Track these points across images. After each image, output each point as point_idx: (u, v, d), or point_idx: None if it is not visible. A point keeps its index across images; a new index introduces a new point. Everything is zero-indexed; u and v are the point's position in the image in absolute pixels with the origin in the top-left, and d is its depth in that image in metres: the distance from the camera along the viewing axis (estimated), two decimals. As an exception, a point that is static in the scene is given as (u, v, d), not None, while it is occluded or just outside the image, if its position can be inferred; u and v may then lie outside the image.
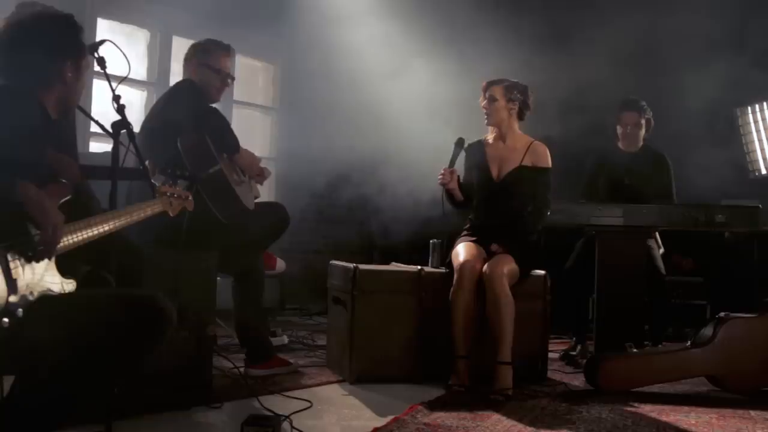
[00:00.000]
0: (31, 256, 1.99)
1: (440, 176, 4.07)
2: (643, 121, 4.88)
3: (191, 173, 3.07)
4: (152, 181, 2.84)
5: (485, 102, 4.16)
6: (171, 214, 2.79)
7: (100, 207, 2.71)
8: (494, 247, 3.96)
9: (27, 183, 1.97)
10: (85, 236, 2.19)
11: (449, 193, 4.13)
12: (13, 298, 1.88)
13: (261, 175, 4.29)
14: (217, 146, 3.87)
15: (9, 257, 1.90)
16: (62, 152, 2.94)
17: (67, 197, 2.17)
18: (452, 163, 4.11)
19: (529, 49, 5.46)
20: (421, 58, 5.77)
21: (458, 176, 4.15)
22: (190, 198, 2.89)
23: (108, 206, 2.46)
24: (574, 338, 4.80)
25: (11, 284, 1.88)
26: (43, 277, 2.03)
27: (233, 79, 4.15)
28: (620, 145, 4.98)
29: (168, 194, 2.78)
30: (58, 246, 2.07)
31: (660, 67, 6.32)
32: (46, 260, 2.05)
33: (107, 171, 2.57)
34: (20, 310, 1.89)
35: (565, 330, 5.09)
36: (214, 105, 4.03)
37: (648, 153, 4.96)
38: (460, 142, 4.12)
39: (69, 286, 2.11)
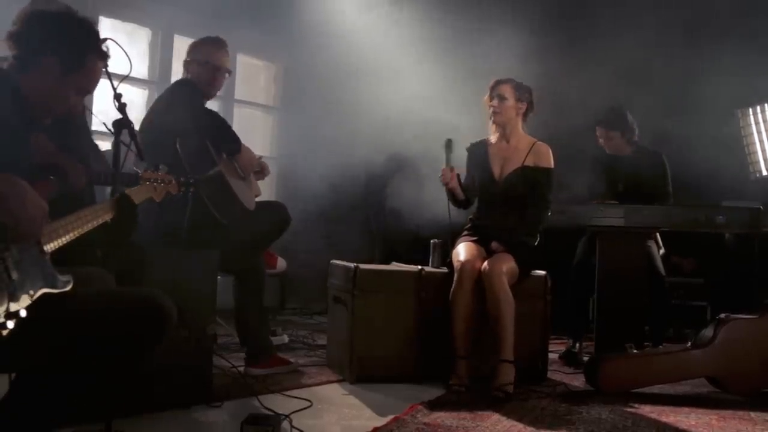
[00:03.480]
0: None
1: (441, 176, 4.09)
2: (613, 134, 4.92)
3: (194, 180, 3.08)
4: (134, 168, 2.84)
5: (494, 100, 4.15)
6: (156, 200, 2.80)
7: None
8: (494, 245, 3.97)
9: (1, 172, 1.90)
10: (77, 231, 2.18)
11: (451, 192, 4.14)
12: (14, 300, 1.87)
13: (261, 172, 4.29)
14: (216, 148, 3.87)
15: (7, 257, 1.89)
16: (72, 155, 2.94)
17: (55, 196, 2.16)
18: (448, 162, 4.11)
19: (537, 48, 5.45)
20: (424, 57, 5.77)
21: (458, 174, 4.16)
22: (173, 182, 2.89)
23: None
24: (571, 339, 4.79)
25: (11, 285, 1.87)
26: (41, 275, 2.02)
27: (228, 72, 4.14)
28: (607, 151, 5.03)
29: (151, 180, 2.79)
30: (52, 243, 2.06)
31: (665, 65, 6.33)
32: (44, 259, 2.04)
33: (109, 177, 2.57)
34: (23, 311, 1.89)
35: (566, 331, 5.08)
36: (212, 105, 4.03)
37: (641, 154, 4.96)
38: (448, 144, 4.12)
39: (67, 284, 2.10)
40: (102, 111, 3.84)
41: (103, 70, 2.52)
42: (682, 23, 6.14)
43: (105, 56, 2.38)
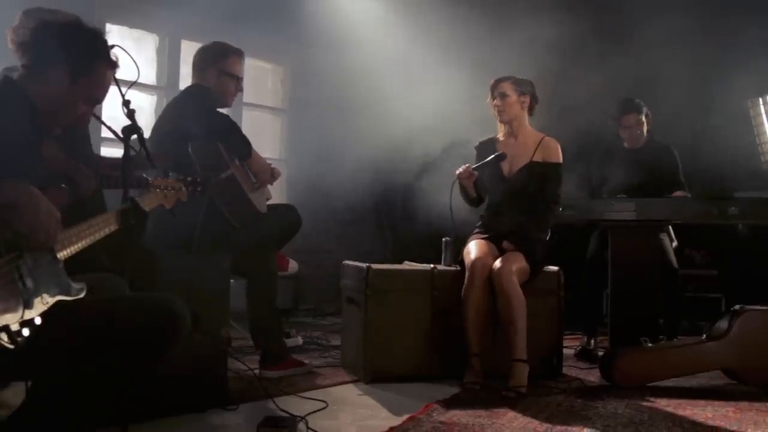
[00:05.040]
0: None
1: (461, 169, 4.05)
2: (643, 118, 4.90)
3: (203, 180, 3.08)
4: (144, 175, 2.84)
5: (497, 99, 4.14)
6: (167, 207, 2.80)
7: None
8: (506, 244, 3.96)
9: (16, 182, 1.94)
10: (89, 238, 2.20)
11: (463, 187, 4.13)
12: (29, 308, 1.89)
13: (272, 177, 4.30)
14: (228, 151, 3.88)
15: (21, 265, 1.90)
16: (80, 162, 2.96)
17: (67, 203, 2.17)
18: (479, 167, 4.10)
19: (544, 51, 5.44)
20: (431, 59, 5.77)
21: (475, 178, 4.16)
22: (183, 189, 2.89)
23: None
24: (586, 336, 4.77)
25: (25, 293, 1.89)
26: (55, 283, 2.03)
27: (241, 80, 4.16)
28: (625, 144, 5.00)
29: (162, 187, 2.79)
30: (65, 250, 2.07)
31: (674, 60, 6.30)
32: (57, 266, 2.05)
33: (118, 180, 2.58)
34: (38, 318, 1.90)
35: (580, 326, 5.06)
36: (220, 108, 4.03)
37: (652, 146, 4.96)
38: (499, 157, 4.09)
39: (80, 291, 2.11)
40: (111, 117, 3.84)
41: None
42: (701, 15, 6.10)
43: (114, 65, 2.40)
